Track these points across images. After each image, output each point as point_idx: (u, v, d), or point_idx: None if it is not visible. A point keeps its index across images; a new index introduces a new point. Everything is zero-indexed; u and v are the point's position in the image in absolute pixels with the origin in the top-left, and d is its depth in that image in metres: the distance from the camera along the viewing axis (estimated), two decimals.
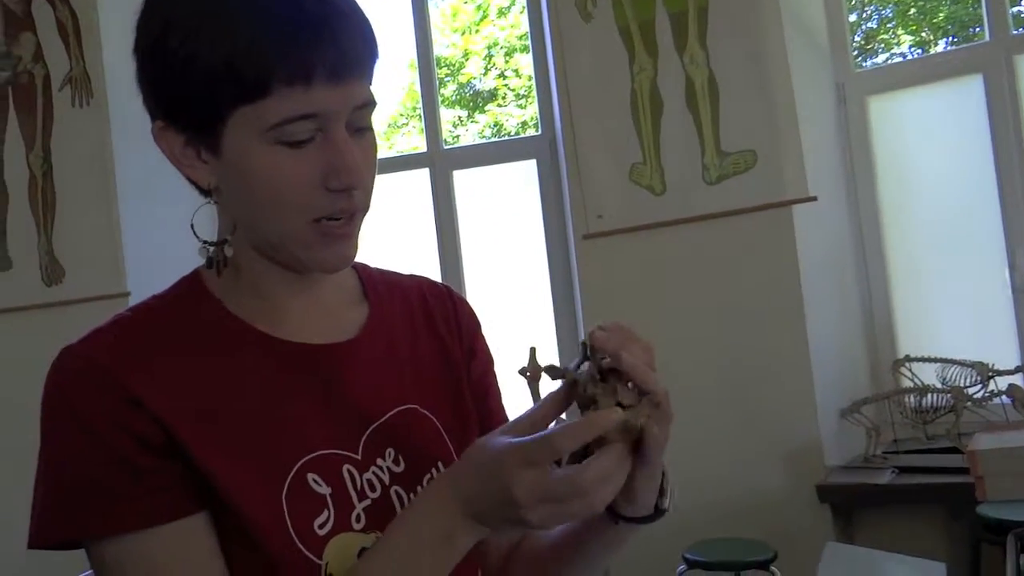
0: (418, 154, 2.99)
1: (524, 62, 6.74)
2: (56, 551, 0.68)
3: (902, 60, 3.11)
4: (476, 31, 7.15)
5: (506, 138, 5.94)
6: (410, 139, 6.90)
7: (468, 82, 7.24)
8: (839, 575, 1.82)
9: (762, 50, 2.42)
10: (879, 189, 2.66)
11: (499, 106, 7.10)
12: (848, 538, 2.35)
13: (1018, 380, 2.26)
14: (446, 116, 6.92)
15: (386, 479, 0.75)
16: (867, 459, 2.35)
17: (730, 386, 2.42)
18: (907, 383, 2.45)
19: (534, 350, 2.23)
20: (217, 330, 0.74)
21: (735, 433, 2.40)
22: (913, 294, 2.63)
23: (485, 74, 7.16)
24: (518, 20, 6.80)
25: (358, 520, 0.72)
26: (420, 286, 0.90)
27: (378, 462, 0.75)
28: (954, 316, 2.59)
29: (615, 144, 2.52)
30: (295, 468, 0.70)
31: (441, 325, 0.88)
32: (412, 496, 0.75)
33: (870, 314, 2.65)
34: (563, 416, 0.67)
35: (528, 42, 2.88)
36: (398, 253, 2.88)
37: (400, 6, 2.94)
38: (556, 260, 2.79)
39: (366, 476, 0.74)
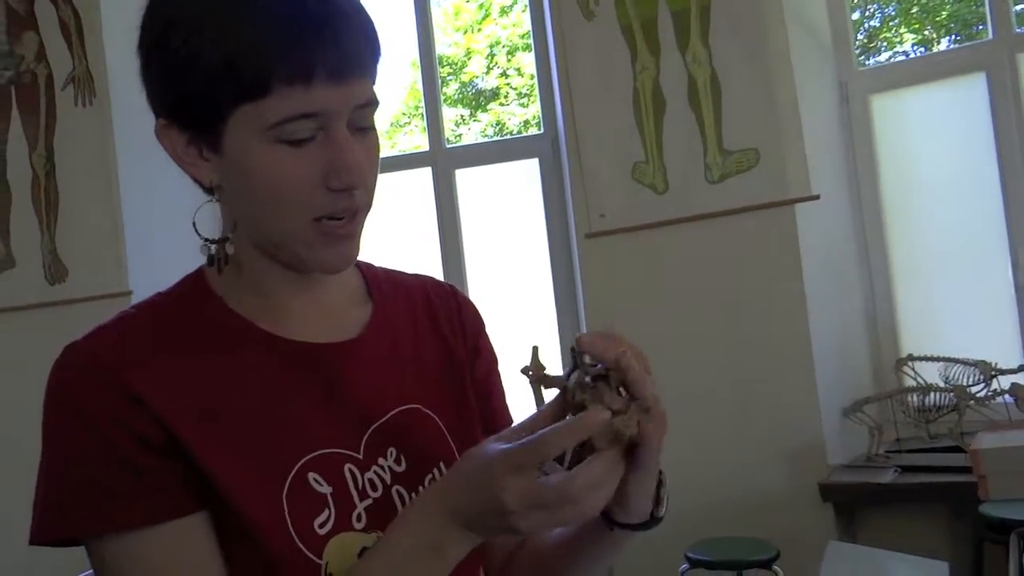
0: (420, 153, 2.98)
1: (526, 61, 6.74)
2: (57, 548, 0.68)
3: (905, 58, 3.10)
4: (478, 30, 7.14)
5: (508, 137, 5.94)
6: (412, 138, 6.90)
7: (470, 81, 7.23)
8: (841, 574, 1.82)
9: (765, 48, 2.42)
10: (882, 188, 2.65)
11: (501, 105, 7.09)
12: (851, 537, 2.34)
13: (1021, 379, 2.25)
14: (448, 115, 6.91)
15: (388, 479, 0.75)
16: (870, 458, 2.35)
17: (732, 385, 2.41)
18: (910, 382, 2.44)
19: (536, 349, 2.21)
20: (219, 328, 0.74)
21: (737, 432, 2.40)
22: (916, 293, 2.62)
23: (487, 73, 7.16)
24: (520, 19, 6.79)
25: (359, 520, 0.71)
26: (424, 285, 0.90)
27: (380, 462, 0.75)
28: (957, 315, 2.58)
29: (617, 143, 2.52)
30: (296, 467, 0.70)
31: (445, 325, 0.87)
32: (414, 496, 0.75)
33: (873, 313, 2.65)
34: None
35: (530, 41, 2.87)
36: (400, 252, 2.87)
37: (402, 5, 2.94)
38: (558, 259, 2.79)
39: (367, 475, 0.74)
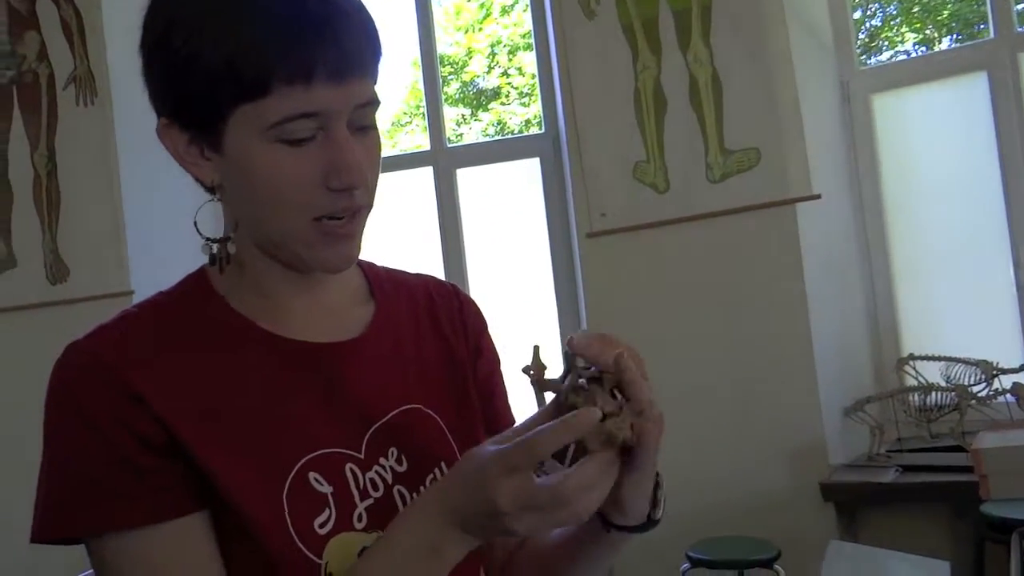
0: (421, 152, 2.99)
1: (527, 60, 6.74)
2: (58, 547, 0.69)
3: (906, 58, 3.10)
4: (479, 29, 7.14)
5: (509, 136, 5.94)
6: (413, 137, 6.90)
7: (471, 80, 7.23)
8: (843, 573, 1.82)
9: (766, 48, 2.42)
10: (883, 187, 2.65)
11: (502, 104, 7.09)
12: (852, 536, 2.34)
13: (1022, 378, 2.25)
14: (449, 114, 6.91)
15: (389, 478, 0.75)
16: (871, 457, 2.35)
17: (733, 384, 2.41)
18: (911, 381, 2.44)
19: (538, 348, 2.22)
20: (220, 327, 0.74)
21: (739, 431, 2.40)
22: (917, 292, 2.62)
23: (488, 72, 7.15)
24: (521, 18, 6.79)
25: (360, 519, 0.71)
26: (426, 285, 0.90)
27: (381, 461, 0.75)
28: (958, 314, 2.58)
29: (619, 142, 2.52)
30: (296, 467, 0.70)
31: (447, 325, 0.87)
32: (415, 496, 0.75)
33: (874, 312, 2.65)
34: None
35: (531, 40, 2.87)
36: (401, 252, 2.88)
37: (403, 4, 2.94)
38: (560, 259, 2.79)
39: (369, 475, 0.74)
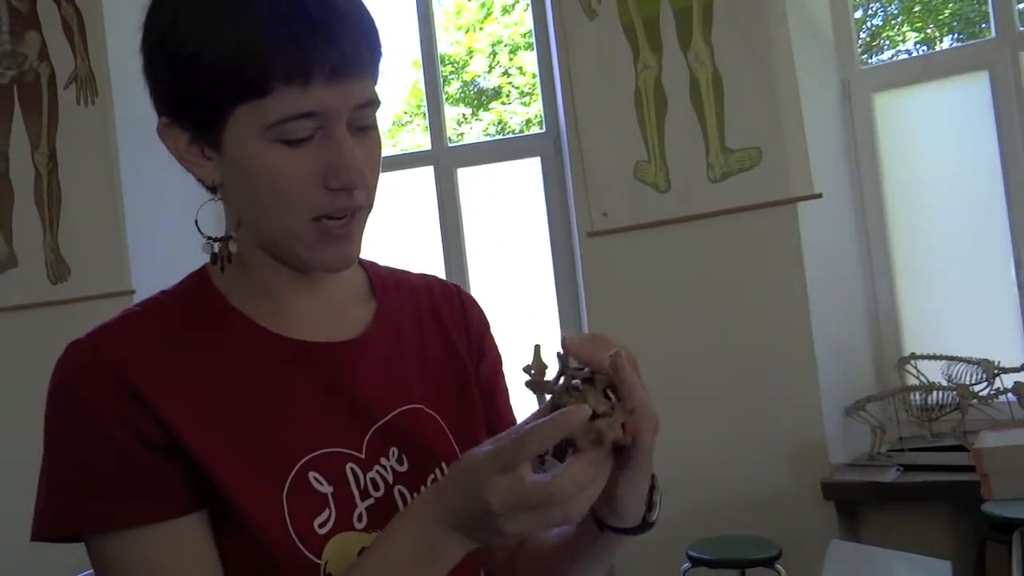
0: (422, 152, 2.99)
1: (528, 60, 6.73)
2: (59, 545, 0.69)
3: (907, 57, 3.09)
4: (480, 29, 7.14)
5: (510, 136, 5.93)
6: (414, 137, 6.90)
7: (472, 80, 7.23)
8: (844, 573, 1.82)
9: (767, 47, 2.41)
10: (884, 186, 2.65)
11: (503, 104, 7.08)
12: (853, 536, 2.34)
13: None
14: (450, 114, 6.91)
15: (390, 478, 0.75)
16: (872, 457, 2.35)
17: (734, 383, 2.41)
18: (912, 381, 2.44)
19: (539, 348, 2.22)
20: (221, 327, 0.74)
21: (739, 431, 2.40)
22: (918, 291, 2.62)
23: (489, 72, 7.15)
24: (522, 18, 6.78)
25: (360, 519, 0.71)
26: (429, 285, 0.90)
27: (382, 461, 0.75)
28: (960, 313, 2.58)
29: (619, 142, 2.52)
30: (297, 466, 0.70)
31: (450, 325, 0.87)
32: (415, 496, 0.75)
33: (875, 311, 2.65)
34: None
35: (532, 40, 2.87)
36: (402, 251, 2.88)
37: (404, 4, 2.94)
38: (561, 258, 2.79)
39: (369, 475, 0.74)
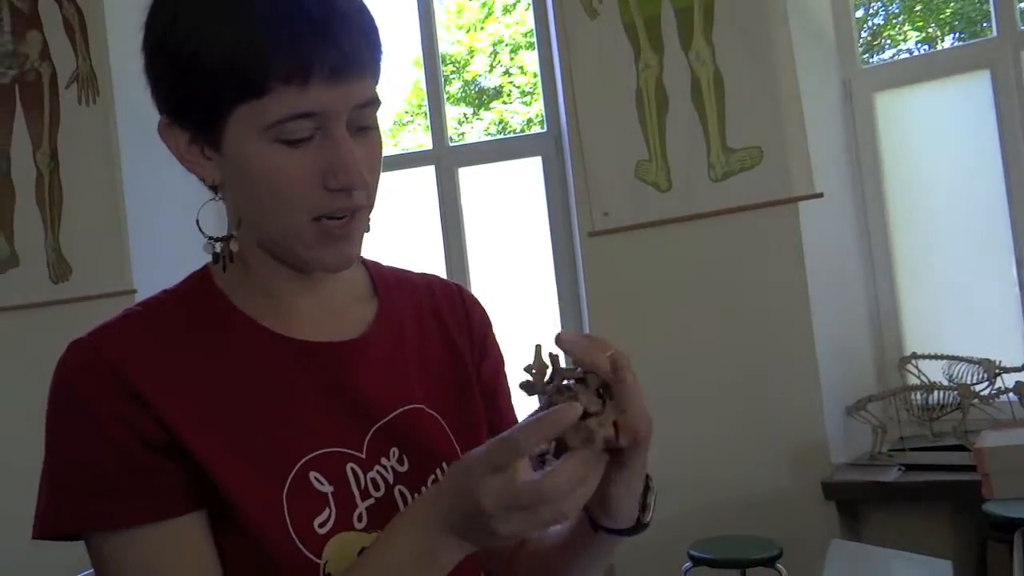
0: (423, 151, 2.98)
1: (529, 59, 6.73)
2: (59, 545, 0.69)
3: (909, 56, 3.09)
4: (481, 28, 7.13)
5: (511, 135, 5.93)
6: (415, 136, 6.90)
7: (473, 79, 7.23)
8: (845, 573, 1.82)
9: (768, 46, 2.41)
10: (886, 186, 2.65)
11: (504, 103, 7.08)
12: (854, 536, 2.34)
13: None
14: (451, 113, 6.91)
15: (390, 478, 0.75)
16: (873, 456, 2.35)
17: (735, 383, 2.41)
18: (913, 380, 2.44)
19: (539, 347, 2.22)
20: (223, 326, 0.74)
21: (741, 430, 2.40)
22: (919, 291, 2.62)
23: (490, 71, 7.15)
24: (523, 17, 6.78)
25: (360, 520, 0.71)
26: (431, 285, 0.90)
27: (382, 461, 0.75)
28: (961, 313, 2.58)
29: (621, 141, 2.51)
30: (297, 466, 0.70)
31: (451, 325, 0.87)
32: (416, 496, 0.75)
33: (876, 311, 2.65)
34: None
35: (533, 39, 2.87)
36: (403, 251, 2.87)
37: (405, 3, 2.94)
38: (562, 257, 2.79)
39: (370, 475, 0.74)
